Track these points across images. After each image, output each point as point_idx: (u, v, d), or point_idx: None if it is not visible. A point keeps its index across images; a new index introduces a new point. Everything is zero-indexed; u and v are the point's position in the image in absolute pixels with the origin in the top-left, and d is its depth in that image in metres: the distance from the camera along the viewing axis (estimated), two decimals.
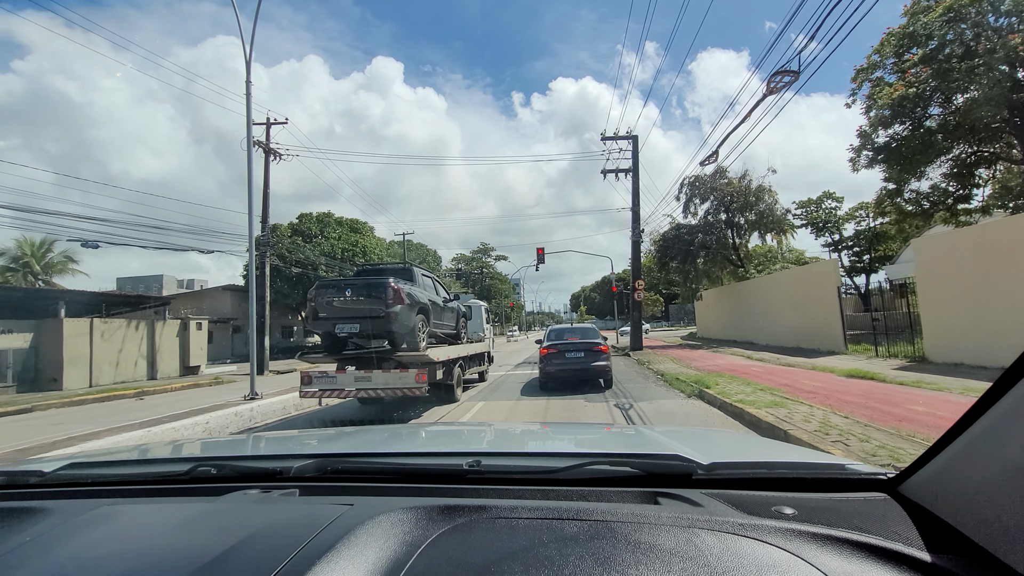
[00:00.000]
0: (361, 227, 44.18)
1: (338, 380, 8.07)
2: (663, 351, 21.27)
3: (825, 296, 15.93)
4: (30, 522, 0.99)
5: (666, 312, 74.47)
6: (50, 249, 28.14)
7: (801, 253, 35.35)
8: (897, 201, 24.73)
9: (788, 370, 12.06)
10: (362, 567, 0.74)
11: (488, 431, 2.26)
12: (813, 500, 1.01)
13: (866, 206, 47.67)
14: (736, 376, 10.78)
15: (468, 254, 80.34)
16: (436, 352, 8.57)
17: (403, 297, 7.89)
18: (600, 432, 2.44)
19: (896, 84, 20.63)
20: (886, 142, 21.36)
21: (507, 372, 16.42)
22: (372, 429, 2.87)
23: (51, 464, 1.33)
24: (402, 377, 7.93)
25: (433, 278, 10.02)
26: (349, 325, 7.80)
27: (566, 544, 0.80)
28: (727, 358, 16.51)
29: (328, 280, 8.36)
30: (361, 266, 10.30)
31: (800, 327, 17.46)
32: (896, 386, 8.51)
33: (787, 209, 26.56)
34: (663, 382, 11.81)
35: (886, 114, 20.34)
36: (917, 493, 0.92)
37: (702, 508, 0.96)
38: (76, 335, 17.84)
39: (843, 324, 15.15)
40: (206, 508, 1.04)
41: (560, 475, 1.15)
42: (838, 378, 10.11)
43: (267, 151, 23.41)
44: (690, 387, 9.73)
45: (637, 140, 23.50)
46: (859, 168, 23.35)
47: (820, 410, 6.54)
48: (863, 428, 5.43)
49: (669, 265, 28.74)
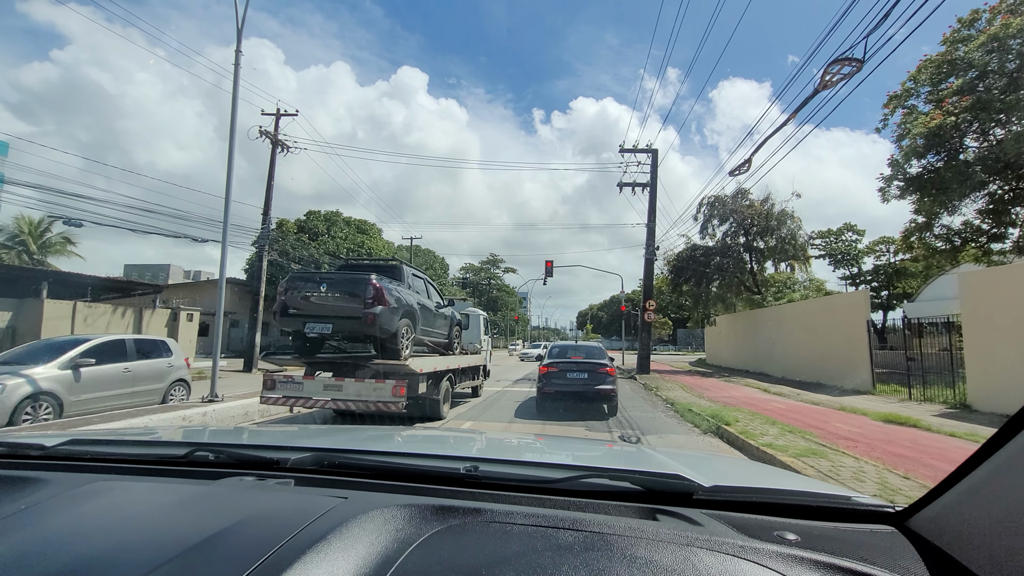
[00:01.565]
0: (368, 228, 43.54)
1: (304, 387, 7.07)
2: (671, 376, 20.08)
3: (852, 330, 14.74)
4: (27, 491, 1.00)
5: (674, 336, 72.79)
6: (49, 229, 27.58)
7: (822, 283, 34.03)
8: (925, 236, 23.72)
9: (814, 409, 10.87)
10: (352, 559, 0.73)
11: (488, 439, 2.23)
12: (817, 528, 0.98)
13: (887, 240, 46.60)
14: (757, 412, 9.62)
15: (477, 264, 79.64)
16: (420, 362, 7.55)
17: (386, 297, 6.91)
18: (601, 448, 2.41)
19: (932, 113, 19.71)
20: (919, 173, 20.47)
21: (504, 388, 15.32)
22: (372, 428, 2.80)
23: (53, 439, 1.34)
24: (377, 389, 6.92)
25: (426, 280, 9.03)
26: (321, 325, 6.81)
27: (560, 553, 0.77)
28: (742, 389, 15.31)
29: (302, 272, 7.40)
30: (347, 261, 9.27)
31: (821, 361, 16.23)
32: (947, 437, 7.35)
33: (810, 235, 25.36)
34: (673, 412, 10.67)
35: (920, 143, 19.46)
36: (926, 528, 0.90)
37: (702, 527, 0.93)
38: (57, 318, 17.05)
39: (871, 361, 13.94)
40: (201, 490, 1.04)
41: (558, 485, 1.12)
42: (874, 423, 8.94)
43: (274, 142, 22.69)
44: (705, 421, 8.60)
45: (656, 154, 22.56)
46: (889, 198, 22.38)
47: (870, 464, 5.42)
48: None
49: (682, 287, 27.49)
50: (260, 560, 0.70)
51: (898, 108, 21.87)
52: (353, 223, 43.38)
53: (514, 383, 17.37)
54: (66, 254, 28.79)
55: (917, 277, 38.11)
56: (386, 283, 7.11)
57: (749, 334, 23.75)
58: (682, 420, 9.57)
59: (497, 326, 75.42)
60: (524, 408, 10.64)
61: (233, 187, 9.29)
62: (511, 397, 12.81)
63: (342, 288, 6.88)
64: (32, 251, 27.10)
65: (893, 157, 21.31)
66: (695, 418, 9.17)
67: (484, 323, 14.12)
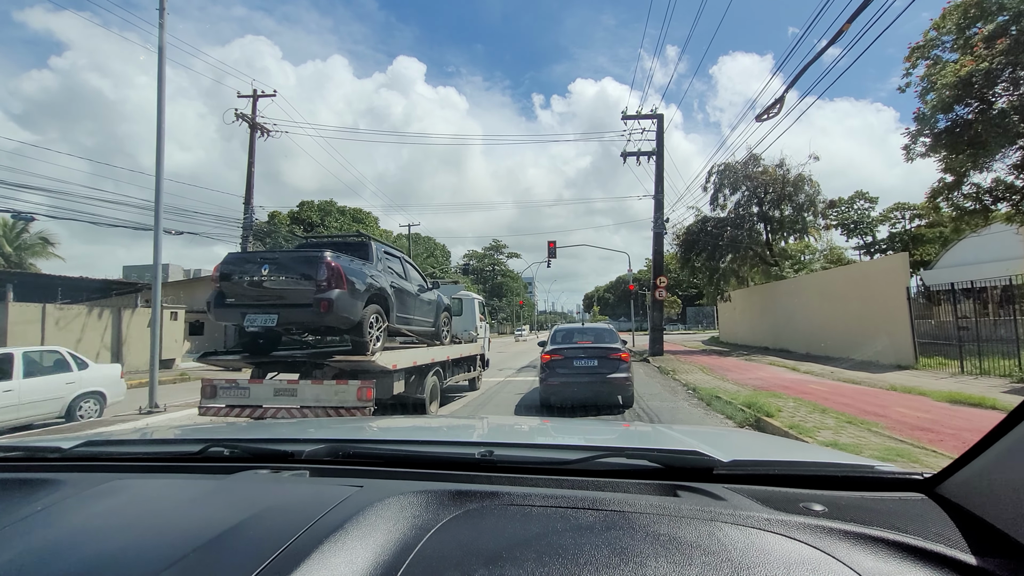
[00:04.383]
0: (364, 217, 42.20)
1: (251, 393, 5.78)
2: (687, 357, 18.72)
3: (888, 299, 13.27)
4: (44, 492, 0.99)
5: (683, 315, 71.14)
6: (26, 229, 26.34)
7: (842, 251, 32.34)
8: (953, 196, 22.16)
9: (858, 390, 9.49)
10: (370, 547, 0.72)
11: (502, 425, 2.22)
12: (844, 498, 0.93)
13: (903, 207, 44.63)
14: (798, 398, 8.25)
15: (480, 251, 78.08)
16: (394, 357, 6.22)
17: (345, 279, 5.56)
18: (616, 429, 2.37)
19: (963, 60, 18.03)
20: (948, 127, 18.95)
21: (507, 378, 14.03)
22: (385, 419, 2.69)
23: (69, 441, 1.31)
24: (340, 392, 5.61)
25: (403, 258, 7.65)
26: (263, 316, 5.48)
27: (581, 533, 0.76)
28: (767, 369, 13.93)
29: (240, 253, 6.06)
30: (306, 239, 7.90)
31: (852, 334, 14.78)
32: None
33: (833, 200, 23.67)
34: (697, 399, 9.34)
35: (949, 96, 17.86)
36: (958, 493, 0.86)
37: (724, 502, 0.90)
38: (24, 322, 15.87)
39: (913, 333, 12.49)
40: (216, 485, 1.03)
41: (575, 466, 1.09)
42: (939, 404, 7.56)
43: (252, 126, 21.25)
44: (740, 412, 7.25)
45: (662, 119, 20.90)
46: (914, 156, 20.76)
47: None
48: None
49: (693, 263, 25.92)
50: (278, 551, 0.69)
51: (921, 60, 20.24)
52: (348, 212, 42.03)
53: (518, 371, 16.09)
54: (46, 256, 27.62)
55: (935, 243, 36.28)
56: (346, 262, 5.76)
57: (767, 309, 22.27)
58: (709, 410, 8.23)
59: (503, 312, 74.22)
60: (527, 402, 9.33)
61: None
62: (514, 388, 11.51)
63: (289, 269, 5.54)
64: (7, 253, 25.91)
65: (919, 111, 19.73)
66: (726, 407, 7.83)
67: (479, 307, 12.75)
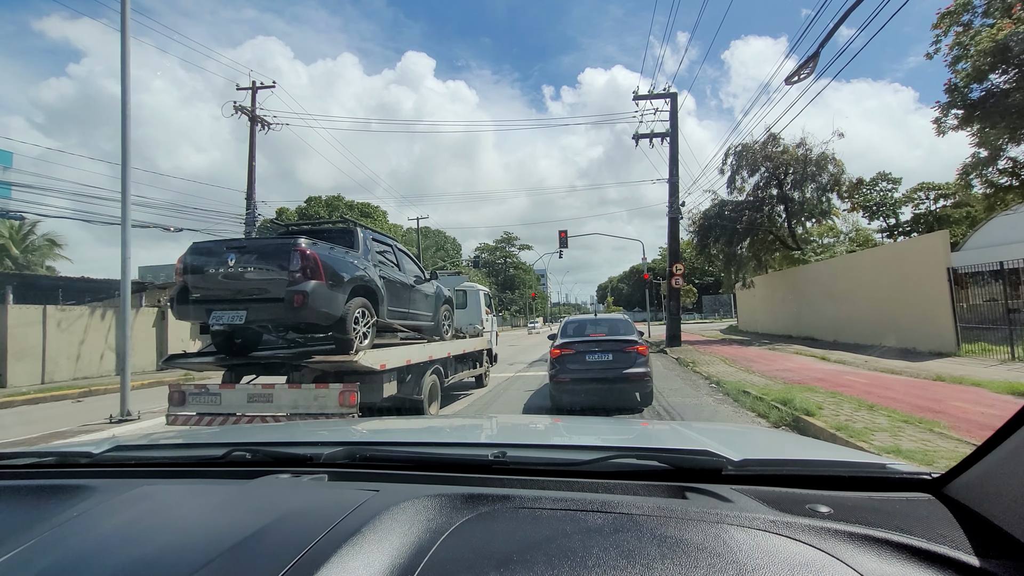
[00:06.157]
0: (373, 211, 41.81)
1: (223, 399, 5.16)
2: (706, 347, 17.85)
3: (925, 281, 12.28)
4: (78, 499, 1.01)
5: (699, 304, 69.62)
6: (32, 231, 26.30)
7: (869, 234, 30.94)
8: (988, 172, 20.91)
9: (903, 381, 8.62)
10: (386, 550, 0.73)
11: (515, 424, 2.23)
12: (851, 499, 0.94)
13: (928, 187, 42.77)
14: (837, 392, 7.43)
15: (491, 243, 77.34)
16: (381, 355, 5.55)
17: (322, 269, 4.90)
18: (631, 428, 2.40)
19: (1000, 23, 16.76)
20: (982, 97, 17.73)
21: (517, 373, 13.35)
22: (400, 420, 2.82)
23: (99, 446, 1.34)
24: (319, 397, 4.96)
25: (395, 246, 6.97)
26: (230, 312, 4.83)
27: (590, 536, 0.77)
28: (795, 359, 13.05)
29: (207, 242, 5.42)
30: (287, 227, 7.23)
31: (884, 320, 13.80)
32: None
33: (857, 180, 22.46)
34: (722, 394, 8.56)
35: (983, 62, 16.64)
36: (965, 494, 0.86)
37: (731, 504, 0.91)
38: (24, 324, 15.58)
39: (955, 317, 11.51)
40: (239, 490, 1.05)
41: (585, 467, 1.10)
42: (1002, 397, 6.70)
43: (252, 118, 20.77)
44: (774, 409, 6.47)
45: (676, 98, 19.90)
46: (945, 130, 19.64)
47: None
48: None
49: (709, 249, 24.88)
50: (298, 556, 0.70)
51: (951, 27, 18.95)
52: (356, 207, 41.64)
53: (529, 365, 15.39)
54: (53, 257, 27.59)
55: (961, 224, 34.57)
56: (324, 250, 5.09)
57: (790, 295, 21.23)
58: (738, 406, 7.45)
59: (516, 304, 73.51)
60: (536, 400, 8.64)
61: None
62: (524, 385, 10.81)
63: (259, 259, 4.90)
64: (14, 256, 25.87)
65: (950, 82, 18.53)
66: (756, 404, 7.05)
67: (485, 299, 12.04)
